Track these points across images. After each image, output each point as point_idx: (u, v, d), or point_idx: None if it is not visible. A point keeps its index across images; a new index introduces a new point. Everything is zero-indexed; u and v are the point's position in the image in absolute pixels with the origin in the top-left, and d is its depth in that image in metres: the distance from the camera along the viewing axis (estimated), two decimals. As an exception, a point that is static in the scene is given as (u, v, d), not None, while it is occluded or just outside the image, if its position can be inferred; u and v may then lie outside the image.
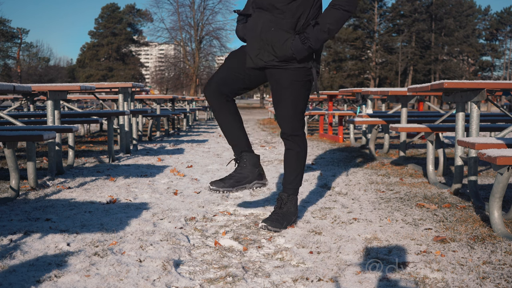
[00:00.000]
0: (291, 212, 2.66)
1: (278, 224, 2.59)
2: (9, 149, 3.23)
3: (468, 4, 50.63)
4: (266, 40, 2.50)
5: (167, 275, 1.94)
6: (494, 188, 2.51)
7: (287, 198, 2.68)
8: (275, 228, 2.58)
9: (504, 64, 53.83)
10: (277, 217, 2.62)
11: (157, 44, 55.89)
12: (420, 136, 6.66)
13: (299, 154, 2.67)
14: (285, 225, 2.62)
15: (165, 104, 13.75)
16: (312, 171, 4.66)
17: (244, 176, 2.64)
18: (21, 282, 1.83)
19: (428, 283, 1.87)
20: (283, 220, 2.62)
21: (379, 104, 25.56)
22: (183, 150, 6.53)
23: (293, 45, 2.46)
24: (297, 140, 2.65)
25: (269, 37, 2.49)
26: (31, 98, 6.95)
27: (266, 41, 2.50)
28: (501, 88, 3.15)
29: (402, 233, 2.53)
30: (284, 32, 2.48)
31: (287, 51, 2.47)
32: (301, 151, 2.67)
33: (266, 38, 2.50)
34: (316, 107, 13.40)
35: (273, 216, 2.63)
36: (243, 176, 2.64)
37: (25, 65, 48.26)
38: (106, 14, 54.58)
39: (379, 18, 50.25)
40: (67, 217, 2.82)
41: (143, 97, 10.26)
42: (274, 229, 2.58)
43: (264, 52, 2.51)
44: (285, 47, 2.47)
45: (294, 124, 2.63)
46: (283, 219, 2.62)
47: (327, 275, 1.94)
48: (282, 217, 2.63)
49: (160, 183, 3.99)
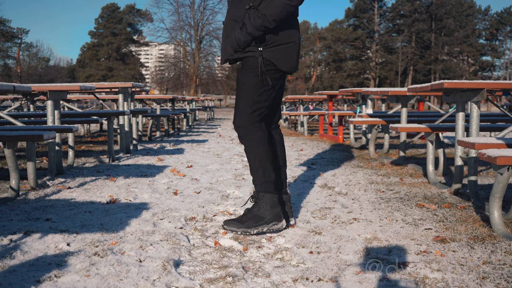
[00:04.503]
0: (263, 215, 2.49)
1: (235, 225, 2.47)
2: (9, 149, 3.23)
3: (468, 4, 50.65)
4: (225, 33, 2.55)
5: (167, 275, 1.94)
6: (494, 188, 2.51)
7: (257, 196, 2.55)
8: (231, 228, 2.47)
9: (504, 64, 53.84)
10: (241, 217, 2.51)
11: (157, 44, 55.94)
12: (420, 136, 6.66)
13: (248, 149, 2.54)
14: (250, 226, 2.46)
15: (165, 104, 13.75)
16: (312, 171, 4.66)
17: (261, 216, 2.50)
18: (21, 282, 1.83)
19: (428, 283, 1.87)
20: (247, 220, 2.48)
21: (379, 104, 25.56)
22: (183, 150, 6.53)
23: (235, 33, 2.47)
24: (242, 133, 2.53)
25: (227, 29, 2.54)
26: (31, 98, 6.96)
27: (225, 33, 2.55)
28: (501, 88, 3.15)
29: (402, 233, 2.53)
30: (234, 22, 2.50)
31: (232, 40, 2.48)
32: (249, 146, 2.53)
33: (225, 31, 2.54)
34: (316, 107, 13.41)
35: (239, 217, 2.53)
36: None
37: (25, 65, 48.29)
38: (106, 14, 54.61)
39: (379, 18, 50.26)
40: (67, 217, 2.82)
41: (143, 97, 10.26)
42: (230, 229, 2.47)
43: (226, 46, 2.54)
44: (231, 36, 2.50)
45: (242, 116, 2.50)
46: (247, 220, 2.48)
47: (327, 275, 1.94)
48: (246, 218, 2.49)
49: (160, 183, 3.99)
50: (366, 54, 51.79)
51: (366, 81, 51.11)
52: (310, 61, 54.14)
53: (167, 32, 50.88)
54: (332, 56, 50.96)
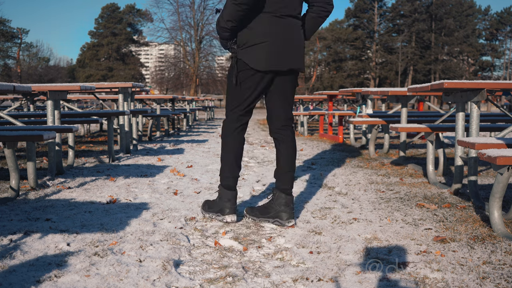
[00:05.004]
0: (219, 202, 2.79)
1: (202, 206, 2.90)
2: (9, 149, 3.23)
3: (468, 4, 50.64)
4: None
5: (167, 275, 1.94)
6: (494, 188, 2.51)
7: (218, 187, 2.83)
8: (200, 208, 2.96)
9: (504, 64, 53.84)
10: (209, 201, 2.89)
11: (157, 44, 55.90)
12: (420, 136, 6.66)
13: (221, 143, 2.80)
14: (205, 209, 2.86)
15: (165, 104, 13.75)
16: (312, 171, 4.66)
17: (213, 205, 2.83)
18: (21, 282, 1.83)
19: (428, 283, 1.87)
20: (206, 204, 2.88)
21: (379, 104, 25.57)
22: (183, 150, 6.53)
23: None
24: (222, 128, 2.80)
25: None
26: (31, 98, 6.96)
27: None
28: (501, 88, 3.14)
29: (402, 233, 2.53)
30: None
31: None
32: (222, 141, 2.79)
33: None
34: (316, 107, 13.41)
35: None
36: (267, 210, 2.77)
37: (25, 65, 48.28)
38: (106, 14, 54.59)
39: (379, 18, 50.26)
40: (67, 217, 2.82)
41: (143, 97, 10.26)
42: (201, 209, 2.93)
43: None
44: None
45: (225, 113, 2.78)
46: (210, 204, 2.85)
47: (327, 275, 1.94)
48: (211, 202, 2.86)
49: (160, 183, 3.99)
50: (366, 54, 51.79)
51: (366, 81, 51.10)
52: (310, 61, 54.11)
53: (167, 32, 50.89)
54: (332, 56, 50.94)
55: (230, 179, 2.74)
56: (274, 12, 2.58)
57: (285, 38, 2.61)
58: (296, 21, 2.67)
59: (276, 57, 2.60)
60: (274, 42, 2.58)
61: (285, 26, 2.61)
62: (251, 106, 2.73)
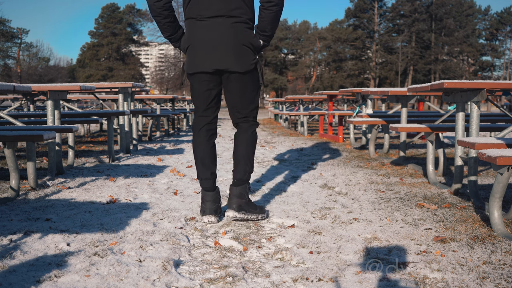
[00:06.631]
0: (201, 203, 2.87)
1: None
2: (9, 149, 3.23)
3: (468, 4, 50.65)
4: None
5: (167, 275, 1.94)
6: (494, 188, 2.51)
7: None
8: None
9: (504, 64, 53.84)
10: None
11: (157, 44, 55.96)
12: (420, 136, 6.66)
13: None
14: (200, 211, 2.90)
15: (165, 104, 13.75)
16: (312, 171, 4.66)
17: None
18: (21, 282, 1.83)
19: (428, 283, 1.87)
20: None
21: (379, 104, 25.56)
22: (183, 150, 6.53)
23: None
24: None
25: None
26: (31, 98, 6.96)
27: None
28: (501, 88, 3.14)
29: (402, 233, 2.53)
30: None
31: None
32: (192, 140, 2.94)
33: None
34: (316, 107, 13.40)
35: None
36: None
37: (25, 65, 48.27)
38: (106, 14, 54.57)
39: (379, 18, 50.25)
40: (67, 217, 2.82)
41: (143, 97, 10.27)
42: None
43: None
44: None
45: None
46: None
47: (327, 275, 1.94)
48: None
49: (160, 183, 3.99)
50: (366, 54, 51.77)
51: (366, 81, 51.10)
52: (310, 61, 54.13)
53: (167, 32, 50.66)
54: (332, 56, 50.93)
55: (203, 180, 2.80)
56: (195, 17, 2.69)
57: (205, 39, 2.65)
58: (225, 20, 2.63)
59: (200, 59, 2.69)
60: (195, 45, 2.69)
61: (207, 28, 2.64)
62: (208, 106, 2.79)
